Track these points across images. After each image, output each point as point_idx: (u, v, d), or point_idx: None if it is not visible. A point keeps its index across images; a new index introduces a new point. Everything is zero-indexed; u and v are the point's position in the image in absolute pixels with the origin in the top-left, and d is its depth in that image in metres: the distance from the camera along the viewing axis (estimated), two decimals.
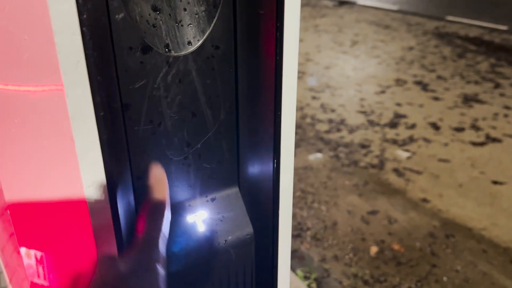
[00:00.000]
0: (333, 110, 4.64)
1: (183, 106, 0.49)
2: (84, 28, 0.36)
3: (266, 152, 0.54)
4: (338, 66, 5.93)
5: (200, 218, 0.54)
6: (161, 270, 0.43)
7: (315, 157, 3.79)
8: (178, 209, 0.53)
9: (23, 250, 0.51)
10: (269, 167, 0.54)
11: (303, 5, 10.02)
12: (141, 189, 0.50)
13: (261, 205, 0.57)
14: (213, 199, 0.56)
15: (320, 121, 4.42)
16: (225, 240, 0.54)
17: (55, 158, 0.44)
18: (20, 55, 0.39)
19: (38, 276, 0.52)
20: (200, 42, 0.48)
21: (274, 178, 0.54)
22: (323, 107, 4.73)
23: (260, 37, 0.49)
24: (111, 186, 0.43)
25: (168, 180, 0.52)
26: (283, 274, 0.61)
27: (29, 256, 0.51)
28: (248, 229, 0.56)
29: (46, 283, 0.52)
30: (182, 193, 0.54)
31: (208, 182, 0.55)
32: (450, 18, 8.00)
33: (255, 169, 0.56)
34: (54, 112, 0.41)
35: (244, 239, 0.56)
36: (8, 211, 0.47)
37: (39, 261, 0.51)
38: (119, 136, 0.46)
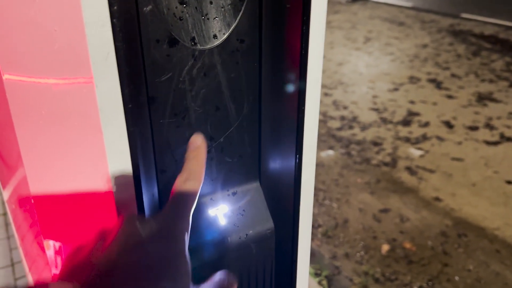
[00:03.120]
0: (345, 107, 4.62)
1: (207, 100, 0.50)
2: (114, 20, 0.37)
3: (288, 147, 0.54)
4: (351, 63, 5.89)
5: (221, 212, 0.54)
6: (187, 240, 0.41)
7: (327, 154, 3.78)
8: (200, 202, 0.54)
9: (46, 240, 0.51)
10: (291, 162, 0.54)
11: None
12: (165, 183, 0.51)
13: (282, 200, 0.57)
14: (234, 193, 0.56)
15: (332, 118, 4.40)
16: (246, 234, 0.55)
17: (81, 151, 0.44)
18: (50, 46, 0.39)
19: (56, 266, 0.52)
20: (225, 36, 0.48)
21: (295, 173, 0.54)
22: (335, 104, 4.70)
23: (286, 31, 0.49)
24: (137, 178, 0.43)
25: None
26: (303, 270, 0.61)
27: (49, 247, 0.52)
28: (269, 224, 0.56)
29: (64, 272, 0.52)
30: (205, 187, 0.54)
31: (230, 176, 0.55)
32: (465, 15, 7.90)
33: (277, 164, 0.56)
34: (83, 105, 0.41)
35: (264, 234, 0.56)
36: (32, 200, 0.48)
37: (60, 252, 0.51)
38: (145, 129, 0.46)
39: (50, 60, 0.40)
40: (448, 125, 4.19)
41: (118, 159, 0.41)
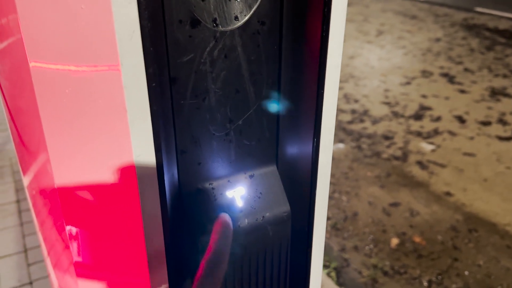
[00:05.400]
0: (356, 101, 4.60)
1: (227, 82, 0.50)
2: None
3: (306, 131, 0.54)
4: (362, 56, 5.85)
5: (238, 194, 0.55)
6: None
7: (337, 147, 3.77)
8: (217, 184, 0.54)
9: (69, 228, 0.52)
10: (308, 147, 0.54)
11: None
12: (184, 163, 0.51)
13: (299, 184, 0.58)
14: (251, 176, 0.56)
15: (343, 111, 4.38)
16: (263, 217, 0.55)
17: (105, 139, 0.44)
18: (76, 26, 0.40)
19: (79, 254, 0.53)
20: (246, 18, 0.48)
21: (313, 157, 0.54)
22: (346, 97, 4.68)
23: (307, 13, 0.49)
24: (159, 158, 0.44)
25: (210, 155, 0.53)
26: (317, 254, 0.61)
27: (71, 234, 0.52)
28: (285, 207, 0.57)
29: (90, 262, 0.53)
30: (223, 169, 0.54)
31: (248, 159, 0.56)
32: (479, 9, 7.80)
33: (294, 148, 0.57)
34: (108, 92, 0.41)
35: (281, 217, 0.56)
36: (56, 186, 0.48)
37: (84, 240, 0.52)
38: (167, 109, 0.47)
39: (76, 44, 0.41)
40: (460, 119, 4.15)
41: (142, 136, 0.42)
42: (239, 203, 0.54)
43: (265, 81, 0.52)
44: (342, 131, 4.03)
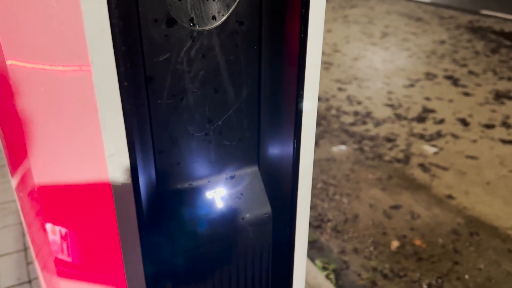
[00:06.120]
0: (359, 103, 4.58)
1: (205, 82, 0.50)
2: None
3: (287, 131, 0.54)
4: (366, 58, 5.83)
5: (219, 195, 0.54)
6: None
7: (339, 149, 3.76)
8: (197, 185, 0.54)
9: (49, 226, 0.52)
10: (290, 147, 0.54)
11: None
12: (162, 163, 0.51)
13: (280, 185, 0.57)
14: (232, 177, 0.56)
15: (345, 113, 4.37)
16: (243, 218, 0.55)
17: (82, 143, 0.44)
18: (48, 24, 0.40)
19: (62, 252, 0.53)
20: (224, 17, 0.48)
21: (294, 159, 0.54)
22: (349, 99, 4.67)
23: (285, 14, 0.49)
24: (133, 157, 0.44)
25: (189, 155, 0.53)
26: (300, 255, 0.61)
27: (54, 232, 0.52)
28: (266, 208, 0.56)
29: (69, 259, 0.53)
30: (202, 170, 0.54)
31: (228, 160, 0.55)
32: (485, 12, 7.75)
33: (275, 148, 0.56)
34: (83, 92, 0.41)
35: (262, 218, 0.56)
36: (36, 189, 0.48)
37: (63, 238, 0.52)
38: (142, 109, 0.46)
39: (49, 43, 0.41)
40: (464, 122, 4.13)
41: (114, 135, 0.42)
42: (219, 204, 0.54)
43: (244, 81, 0.52)
44: (344, 133, 4.01)
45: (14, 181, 0.72)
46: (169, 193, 0.53)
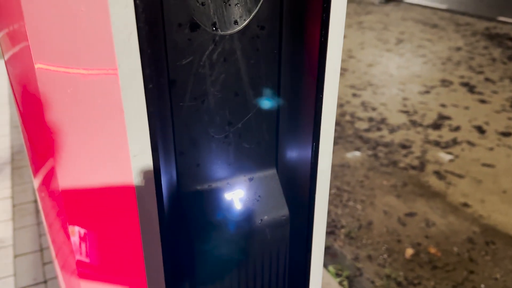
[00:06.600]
0: (374, 109, 4.56)
1: (226, 85, 0.51)
2: (137, 1, 0.38)
3: (305, 135, 0.54)
4: (381, 64, 5.81)
5: (237, 196, 0.55)
6: None
7: (353, 155, 3.74)
8: (216, 186, 0.55)
9: (71, 228, 0.53)
10: (308, 151, 0.55)
11: (348, 1, 9.87)
12: (183, 165, 0.52)
13: (298, 188, 0.58)
14: (251, 179, 0.57)
15: (360, 119, 4.35)
16: (261, 220, 0.55)
17: (106, 145, 0.45)
18: (78, 25, 0.41)
19: (82, 253, 0.54)
20: (246, 22, 0.49)
21: (312, 162, 0.54)
22: (363, 105, 4.65)
23: (306, 18, 0.49)
24: (156, 157, 0.45)
25: (208, 157, 0.54)
26: (317, 258, 0.61)
27: (76, 234, 0.53)
28: (284, 211, 0.57)
29: (90, 260, 0.53)
30: (222, 171, 0.55)
31: (247, 162, 0.56)
32: (502, 18, 7.67)
33: (294, 152, 0.57)
34: (109, 96, 0.42)
35: (279, 220, 0.56)
36: (60, 191, 0.49)
37: (85, 239, 0.53)
38: (165, 110, 0.48)
39: (77, 44, 0.42)
40: (480, 130, 4.08)
41: (138, 136, 0.43)
42: (238, 205, 0.55)
43: (264, 85, 0.53)
44: (358, 139, 4.00)
45: (36, 182, 0.73)
46: (189, 194, 0.54)
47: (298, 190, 0.58)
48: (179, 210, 0.54)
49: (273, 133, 0.56)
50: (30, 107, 0.50)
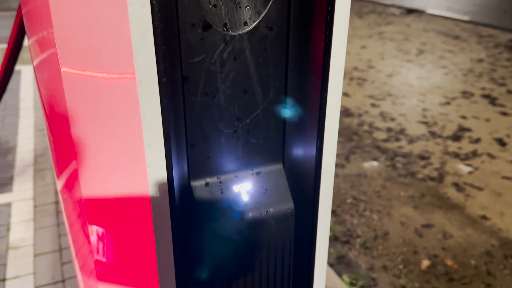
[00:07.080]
0: (392, 119, 4.54)
1: (236, 83, 0.54)
2: (153, 1, 0.42)
3: (311, 131, 0.57)
4: (401, 75, 5.78)
5: (244, 189, 0.58)
6: None
7: (370, 165, 3.73)
8: (225, 179, 0.58)
9: (91, 228, 0.55)
10: (313, 147, 0.57)
11: (368, 12, 9.87)
12: (194, 157, 0.55)
13: (303, 183, 0.60)
14: (258, 173, 0.59)
15: (378, 129, 4.34)
16: (267, 211, 0.58)
17: (125, 150, 0.48)
18: (99, 25, 0.44)
19: (100, 253, 0.56)
20: (255, 23, 0.52)
21: (317, 157, 0.57)
22: (382, 115, 4.64)
23: (312, 20, 0.52)
24: (168, 148, 0.48)
25: (218, 151, 0.57)
26: (321, 252, 0.63)
27: (95, 234, 0.55)
28: (289, 204, 0.59)
29: (107, 260, 0.56)
30: (230, 164, 0.58)
31: (254, 156, 0.59)
32: None
33: (300, 147, 0.59)
34: (130, 100, 0.45)
35: (285, 213, 0.59)
36: (82, 191, 0.51)
37: (103, 240, 0.55)
38: (178, 104, 0.51)
39: (100, 49, 0.45)
40: (501, 142, 4.02)
41: (152, 126, 0.46)
42: (245, 197, 0.58)
43: (272, 83, 0.56)
44: (376, 149, 3.98)
45: (59, 183, 0.76)
46: (199, 185, 0.57)
47: (303, 185, 0.60)
48: (190, 200, 0.57)
49: (280, 129, 0.59)
50: (56, 110, 0.54)
